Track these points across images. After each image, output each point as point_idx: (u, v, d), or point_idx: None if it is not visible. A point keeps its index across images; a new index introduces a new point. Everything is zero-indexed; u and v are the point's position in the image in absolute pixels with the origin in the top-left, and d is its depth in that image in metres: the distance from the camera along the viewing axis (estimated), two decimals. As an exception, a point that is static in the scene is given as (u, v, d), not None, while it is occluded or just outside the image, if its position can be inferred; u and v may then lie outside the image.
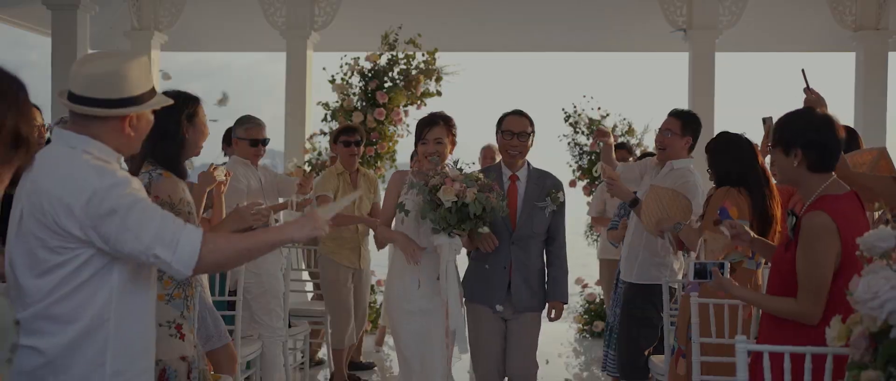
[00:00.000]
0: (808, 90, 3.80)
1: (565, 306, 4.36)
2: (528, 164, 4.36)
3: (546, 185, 4.28)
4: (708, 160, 4.21)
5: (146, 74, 2.41)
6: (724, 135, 4.23)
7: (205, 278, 4.34)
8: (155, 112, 2.48)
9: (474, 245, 4.15)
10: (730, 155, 4.11)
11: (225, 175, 4.07)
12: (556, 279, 4.30)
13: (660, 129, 4.83)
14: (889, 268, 2.09)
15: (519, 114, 4.33)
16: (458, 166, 3.83)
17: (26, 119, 1.52)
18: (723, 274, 3.08)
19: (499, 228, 4.14)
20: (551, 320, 4.32)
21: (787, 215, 2.99)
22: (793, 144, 2.86)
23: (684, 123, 4.71)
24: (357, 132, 6.06)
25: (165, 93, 2.76)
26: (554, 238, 4.32)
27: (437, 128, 4.16)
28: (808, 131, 2.87)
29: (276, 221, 5.30)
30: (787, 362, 2.62)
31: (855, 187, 3.20)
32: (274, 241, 2.34)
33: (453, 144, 4.21)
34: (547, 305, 4.33)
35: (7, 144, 1.47)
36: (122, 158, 2.43)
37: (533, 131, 4.32)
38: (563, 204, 4.30)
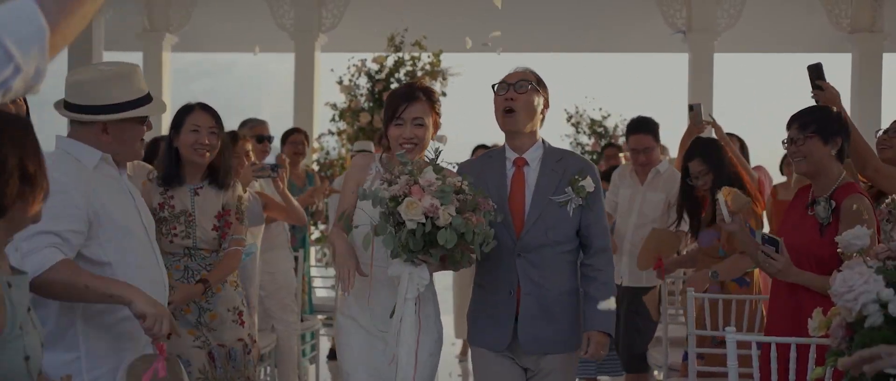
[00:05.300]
0: (821, 86, 3.50)
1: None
2: (544, 142, 3.09)
3: (567, 170, 2.99)
4: (705, 165, 4.17)
5: (127, 84, 2.50)
6: (710, 139, 4.37)
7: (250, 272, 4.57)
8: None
9: (446, 267, 2.84)
10: (723, 158, 4.23)
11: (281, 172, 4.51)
12: (594, 300, 2.96)
13: (636, 150, 4.89)
14: (863, 264, 2.30)
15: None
16: (440, 157, 2.85)
17: (29, 156, 1.72)
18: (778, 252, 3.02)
19: (496, 236, 2.80)
20: (585, 355, 2.97)
21: (813, 202, 3.07)
22: (836, 134, 3.04)
23: (654, 133, 4.92)
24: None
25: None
26: (588, 244, 3.02)
27: (416, 104, 2.93)
28: (846, 127, 3.11)
29: None
30: (774, 351, 2.84)
31: (885, 178, 3.38)
32: (112, 294, 2.28)
33: (437, 126, 3.02)
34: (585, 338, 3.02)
35: (18, 180, 1.69)
36: (111, 158, 2.53)
37: (540, 91, 3.03)
38: (592, 194, 2.98)
